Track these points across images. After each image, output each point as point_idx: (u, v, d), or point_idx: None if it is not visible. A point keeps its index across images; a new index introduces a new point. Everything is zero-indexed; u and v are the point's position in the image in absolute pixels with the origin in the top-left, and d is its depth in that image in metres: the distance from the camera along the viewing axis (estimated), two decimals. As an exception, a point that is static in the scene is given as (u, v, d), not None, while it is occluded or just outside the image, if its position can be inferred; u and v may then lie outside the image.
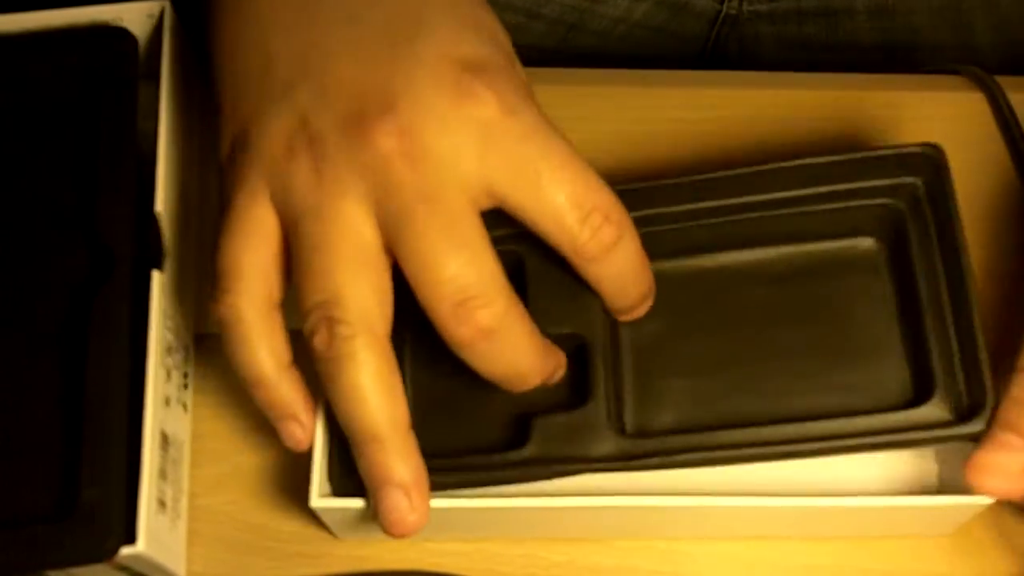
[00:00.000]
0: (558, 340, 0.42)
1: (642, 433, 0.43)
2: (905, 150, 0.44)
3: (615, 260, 0.40)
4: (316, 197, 0.39)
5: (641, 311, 0.44)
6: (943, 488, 0.45)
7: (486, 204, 0.39)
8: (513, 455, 0.41)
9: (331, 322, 0.38)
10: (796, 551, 0.45)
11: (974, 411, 0.41)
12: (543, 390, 0.42)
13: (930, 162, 0.44)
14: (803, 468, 0.44)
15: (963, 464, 0.41)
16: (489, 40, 0.41)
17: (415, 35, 0.39)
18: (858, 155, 0.44)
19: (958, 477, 0.42)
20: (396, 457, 0.39)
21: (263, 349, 0.40)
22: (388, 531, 0.40)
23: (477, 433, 0.44)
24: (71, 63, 0.48)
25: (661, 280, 0.44)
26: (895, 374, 0.44)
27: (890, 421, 0.41)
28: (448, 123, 0.38)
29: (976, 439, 0.40)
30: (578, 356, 0.43)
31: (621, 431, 0.42)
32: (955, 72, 0.54)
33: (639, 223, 0.41)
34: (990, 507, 0.42)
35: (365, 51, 0.39)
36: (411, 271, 0.38)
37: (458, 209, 0.38)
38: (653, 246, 0.42)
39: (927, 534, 0.45)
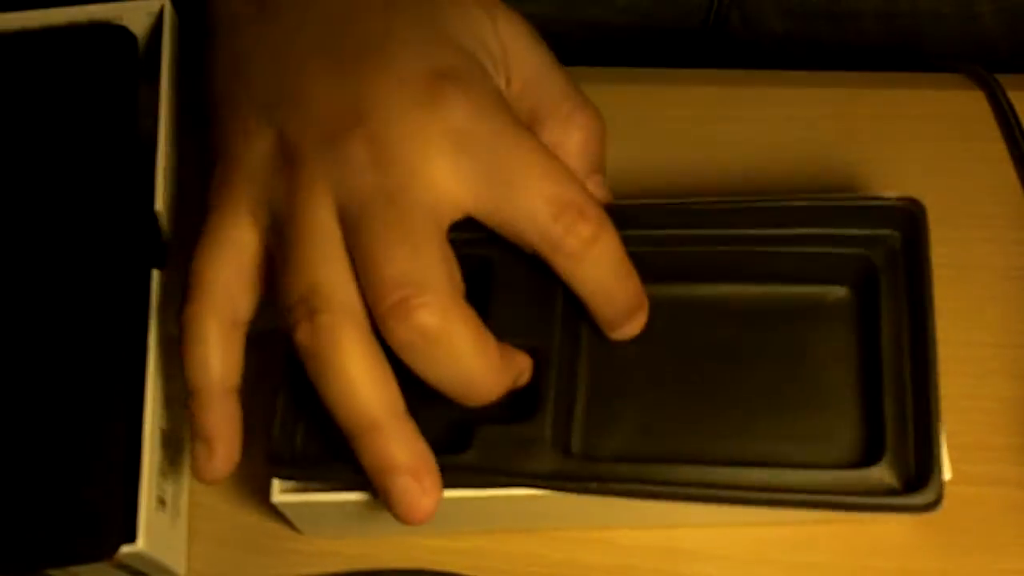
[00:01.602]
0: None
1: (587, 456, 0.42)
2: (887, 202, 0.43)
3: (595, 258, 0.40)
4: (291, 205, 0.39)
5: (633, 327, 0.43)
6: None
7: (456, 212, 0.39)
8: (449, 460, 0.40)
9: (312, 313, 0.38)
10: (795, 550, 0.45)
11: (921, 481, 0.39)
12: None
13: (910, 216, 0.43)
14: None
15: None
16: (457, 50, 0.41)
17: (383, 50, 0.40)
18: (841, 202, 0.44)
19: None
20: (396, 442, 0.38)
21: (213, 359, 0.40)
22: (404, 519, 0.38)
23: None
24: (70, 61, 0.48)
25: None
26: (847, 431, 0.42)
27: (834, 479, 0.40)
28: (417, 130, 0.38)
29: (922, 510, 0.39)
30: (533, 367, 0.42)
31: (565, 450, 0.41)
32: (956, 70, 0.54)
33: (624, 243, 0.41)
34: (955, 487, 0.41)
35: (337, 71, 0.40)
36: (359, 269, 0.38)
37: (415, 210, 0.38)
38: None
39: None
